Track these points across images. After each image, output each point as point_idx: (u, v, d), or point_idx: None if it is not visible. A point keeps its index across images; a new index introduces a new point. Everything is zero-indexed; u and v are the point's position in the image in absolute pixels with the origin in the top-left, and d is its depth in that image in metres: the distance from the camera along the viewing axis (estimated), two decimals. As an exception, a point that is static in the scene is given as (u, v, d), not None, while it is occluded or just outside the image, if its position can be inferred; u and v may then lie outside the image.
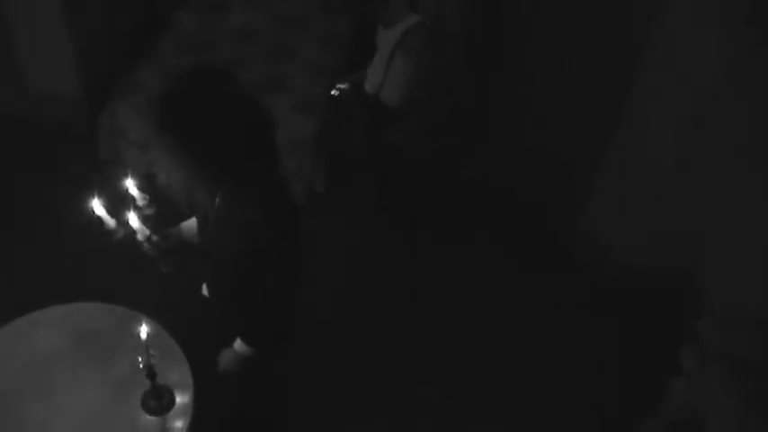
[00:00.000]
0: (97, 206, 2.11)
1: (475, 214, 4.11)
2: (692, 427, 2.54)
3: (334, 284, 3.57)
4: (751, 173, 3.06)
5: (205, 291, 2.36)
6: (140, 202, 2.16)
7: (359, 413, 3.13)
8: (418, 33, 3.15)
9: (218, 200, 2.00)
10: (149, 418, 2.26)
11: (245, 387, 2.49)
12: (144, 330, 2.12)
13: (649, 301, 3.50)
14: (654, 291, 3.49)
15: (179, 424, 2.26)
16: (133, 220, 2.08)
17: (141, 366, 2.13)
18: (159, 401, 2.26)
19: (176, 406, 2.28)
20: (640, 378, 3.21)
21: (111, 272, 3.39)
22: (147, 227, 2.11)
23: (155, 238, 2.14)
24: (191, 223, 2.29)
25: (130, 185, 2.14)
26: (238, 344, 2.22)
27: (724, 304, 3.13)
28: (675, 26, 3.05)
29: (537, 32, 3.84)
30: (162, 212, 2.23)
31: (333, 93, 3.62)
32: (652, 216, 3.45)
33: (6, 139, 4.12)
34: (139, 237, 2.11)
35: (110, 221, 2.11)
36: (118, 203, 2.14)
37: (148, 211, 2.16)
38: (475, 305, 3.64)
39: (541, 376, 3.37)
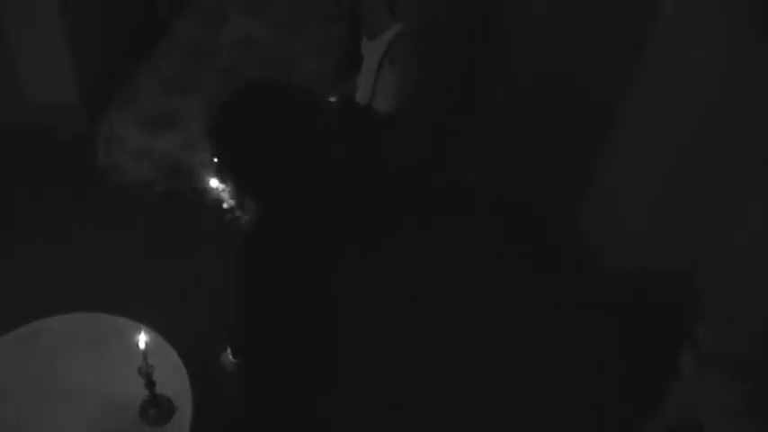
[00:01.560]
0: (215, 183, 2.13)
1: (473, 216, 4.11)
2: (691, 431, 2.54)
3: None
4: (751, 175, 3.06)
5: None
6: None
7: (358, 414, 3.14)
8: (404, 42, 3.15)
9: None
10: (148, 428, 2.27)
11: (238, 395, 2.49)
12: (143, 340, 2.14)
13: (648, 303, 3.49)
14: (653, 293, 3.48)
15: (178, 433, 2.27)
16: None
17: (140, 376, 2.15)
18: (158, 411, 2.27)
19: (175, 415, 2.29)
20: (640, 378, 3.21)
21: (111, 281, 3.41)
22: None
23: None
24: None
25: None
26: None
27: (723, 307, 3.12)
28: (675, 26, 3.05)
29: (536, 32, 3.81)
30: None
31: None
32: (651, 218, 3.45)
33: (5, 149, 4.13)
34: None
35: (228, 199, 2.12)
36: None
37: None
38: (474, 305, 3.64)
39: (541, 376, 3.36)
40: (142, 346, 2.14)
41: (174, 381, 2.36)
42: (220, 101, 1.88)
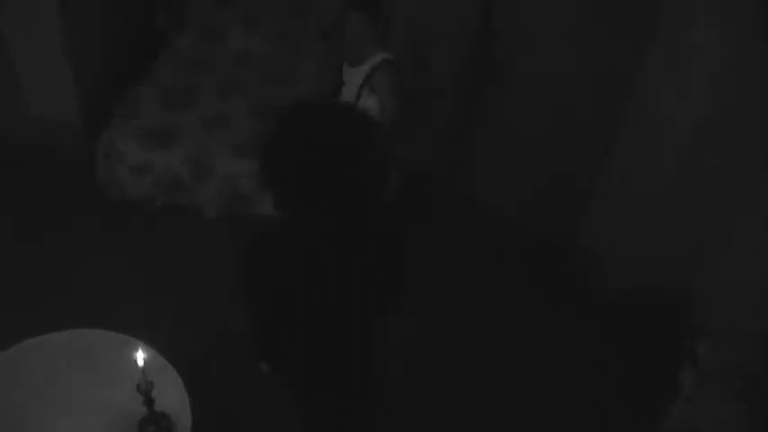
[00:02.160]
0: None
1: (475, 232, 4.12)
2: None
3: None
4: (750, 188, 3.07)
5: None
6: None
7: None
8: (386, 71, 3.09)
9: None
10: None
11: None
12: (141, 357, 2.16)
13: (648, 318, 3.51)
14: (653, 309, 3.50)
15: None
16: None
17: (139, 393, 2.17)
18: (157, 428, 2.28)
19: (174, 433, 2.31)
20: (641, 390, 3.23)
21: (111, 297, 3.43)
22: None
23: None
24: None
25: None
26: None
27: (722, 320, 3.12)
28: (674, 33, 3.06)
29: (535, 45, 3.78)
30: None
31: None
32: (650, 234, 3.45)
33: (5, 161, 4.14)
34: None
35: None
36: None
37: None
38: (474, 311, 3.66)
39: (541, 377, 3.38)
40: (141, 362, 2.15)
41: (173, 398, 2.37)
42: (276, 117, 1.86)
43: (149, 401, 2.20)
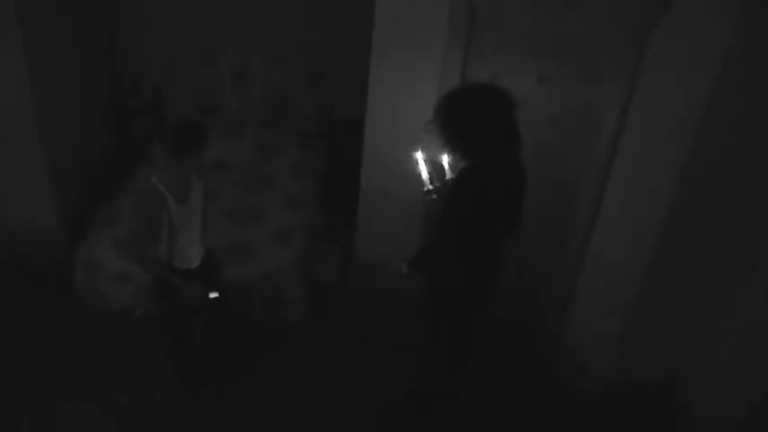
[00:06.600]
0: (421, 162, 2.81)
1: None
2: None
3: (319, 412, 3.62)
4: (728, 279, 3.14)
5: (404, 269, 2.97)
6: (448, 176, 2.88)
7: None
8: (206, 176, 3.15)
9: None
10: None
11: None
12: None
13: (633, 416, 3.53)
14: (638, 406, 3.52)
15: None
16: (425, 173, 2.84)
17: None
18: None
19: None
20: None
21: (90, 418, 3.42)
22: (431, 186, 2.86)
23: (431, 196, 2.86)
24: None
25: (445, 161, 2.89)
26: None
27: (709, 414, 3.16)
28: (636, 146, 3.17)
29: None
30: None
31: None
32: (634, 330, 3.47)
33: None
34: (424, 188, 2.85)
35: (427, 180, 2.83)
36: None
37: (441, 184, 2.87)
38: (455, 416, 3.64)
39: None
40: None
41: None
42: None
43: None
